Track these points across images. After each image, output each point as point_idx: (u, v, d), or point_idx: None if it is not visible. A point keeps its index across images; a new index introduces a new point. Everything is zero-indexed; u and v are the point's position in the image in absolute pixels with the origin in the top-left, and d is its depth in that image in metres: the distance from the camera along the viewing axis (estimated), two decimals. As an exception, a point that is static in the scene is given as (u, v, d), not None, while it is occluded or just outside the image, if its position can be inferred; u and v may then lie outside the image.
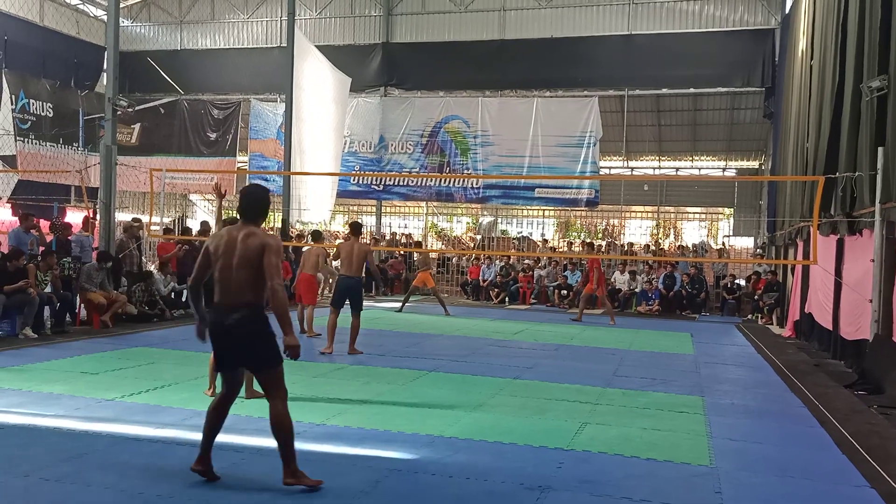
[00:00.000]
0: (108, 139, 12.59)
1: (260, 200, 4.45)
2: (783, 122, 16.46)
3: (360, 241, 9.42)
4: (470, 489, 4.44)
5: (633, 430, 5.92)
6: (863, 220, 9.03)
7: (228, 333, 4.24)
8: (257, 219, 4.43)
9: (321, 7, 23.16)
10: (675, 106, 23.74)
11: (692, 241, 25.01)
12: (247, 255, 4.23)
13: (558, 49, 20.69)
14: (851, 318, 9.36)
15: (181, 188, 24.06)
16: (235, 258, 4.25)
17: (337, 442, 5.26)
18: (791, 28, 16.32)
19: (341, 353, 9.16)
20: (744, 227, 25.17)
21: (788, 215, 14.21)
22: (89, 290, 10.91)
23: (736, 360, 10.29)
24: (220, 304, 4.29)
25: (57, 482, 4.27)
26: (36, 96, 19.28)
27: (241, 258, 4.24)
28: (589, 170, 20.18)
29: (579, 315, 14.97)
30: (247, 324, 4.24)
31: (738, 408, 7.06)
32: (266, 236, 4.36)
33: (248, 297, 4.26)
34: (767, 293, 16.08)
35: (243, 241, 4.26)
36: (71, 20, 23.30)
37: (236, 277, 4.25)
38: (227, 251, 4.28)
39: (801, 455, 5.48)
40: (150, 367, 8.00)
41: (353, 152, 22.34)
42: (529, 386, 7.69)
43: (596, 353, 10.44)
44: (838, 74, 10.19)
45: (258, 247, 4.23)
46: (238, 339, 4.24)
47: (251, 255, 4.22)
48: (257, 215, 4.43)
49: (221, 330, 4.26)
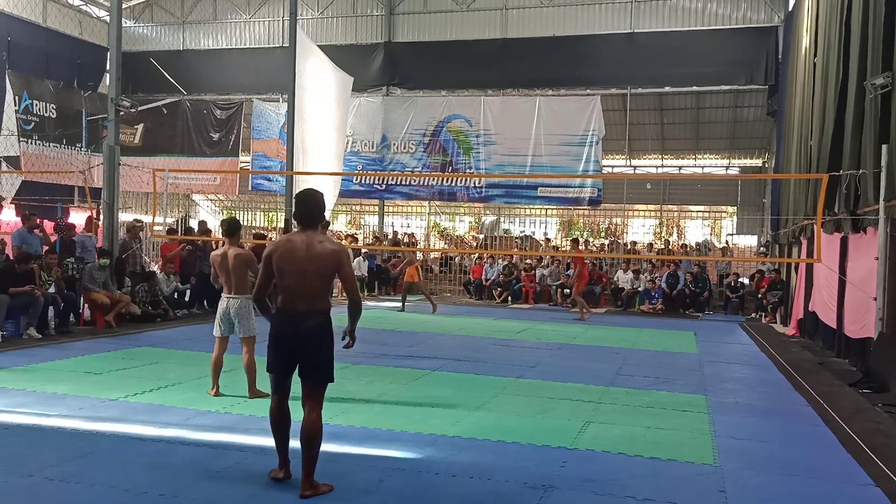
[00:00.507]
0: (111, 140, 12.61)
1: (318, 204, 4.46)
2: (786, 119, 16.42)
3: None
4: (473, 488, 4.43)
5: (637, 429, 5.91)
6: (867, 218, 9.01)
7: (300, 339, 4.25)
8: (318, 223, 4.44)
9: (323, 7, 23.16)
10: (677, 104, 23.70)
11: (695, 239, 24.98)
12: (321, 262, 4.26)
13: (560, 48, 20.65)
14: (856, 316, 9.33)
15: (184, 188, 24.08)
16: (309, 264, 4.25)
17: (340, 441, 5.25)
18: (794, 25, 16.29)
19: (343, 352, 9.15)
20: (747, 225, 25.13)
21: (792, 213, 14.18)
22: (93, 290, 10.94)
23: (740, 359, 10.27)
24: (292, 310, 4.27)
25: (61, 482, 4.28)
26: (39, 97, 19.30)
27: (314, 265, 4.25)
28: (592, 168, 20.14)
29: (581, 314, 14.96)
30: (321, 332, 4.28)
31: (742, 407, 7.04)
32: (338, 244, 4.45)
33: (322, 305, 4.32)
34: (771, 291, 16.05)
35: (317, 247, 4.27)
36: (74, 21, 23.33)
37: (311, 284, 4.26)
38: (298, 257, 4.26)
39: (805, 454, 5.46)
40: (153, 366, 8.01)
41: (356, 152, 22.33)
42: (532, 385, 7.68)
43: (599, 351, 10.43)
44: (842, 72, 10.17)
45: (332, 254, 4.28)
46: (309, 347, 4.26)
47: (326, 261, 4.27)
48: (317, 219, 4.43)
49: (292, 335, 4.25)
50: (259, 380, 6.37)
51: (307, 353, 4.26)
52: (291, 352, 4.28)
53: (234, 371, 7.16)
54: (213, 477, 4.47)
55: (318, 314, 4.27)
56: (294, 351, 4.27)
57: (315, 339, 4.25)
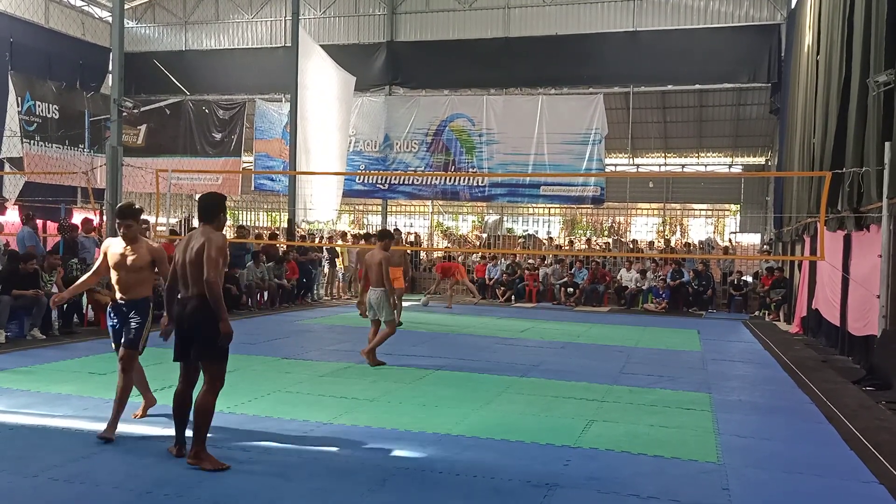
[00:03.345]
0: (113, 140, 12.63)
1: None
2: (789, 117, 16.39)
3: None
4: (477, 487, 4.44)
5: (641, 427, 5.91)
6: (870, 216, 8.99)
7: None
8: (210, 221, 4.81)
9: (325, 6, 23.17)
10: (680, 102, 23.67)
11: (698, 237, 24.94)
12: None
13: (563, 46, 20.63)
14: (859, 314, 9.32)
15: (187, 189, 24.10)
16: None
17: (344, 440, 5.26)
18: (797, 23, 16.26)
19: (347, 352, 9.17)
20: (750, 223, 25.08)
21: (795, 211, 14.16)
22: (96, 290, 10.94)
23: (743, 357, 10.27)
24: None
25: (66, 482, 4.29)
26: (42, 98, 19.33)
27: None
28: (594, 167, 20.13)
29: (449, 302, 16.48)
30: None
31: (745, 404, 7.04)
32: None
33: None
34: (774, 289, 16.03)
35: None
36: (76, 22, 23.37)
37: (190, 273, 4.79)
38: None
39: (809, 451, 5.46)
40: (156, 367, 8.00)
41: (359, 151, 22.35)
42: (536, 384, 7.69)
43: (602, 350, 10.43)
44: (845, 69, 10.15)
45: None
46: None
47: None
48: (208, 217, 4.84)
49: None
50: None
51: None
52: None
53: (237, 371, 7.18)
54: (217, 476, 4.47)
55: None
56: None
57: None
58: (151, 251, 5.42)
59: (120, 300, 5.36)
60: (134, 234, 5.34)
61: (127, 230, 5.30)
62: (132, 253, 5.31)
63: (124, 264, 5.31)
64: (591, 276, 18.22)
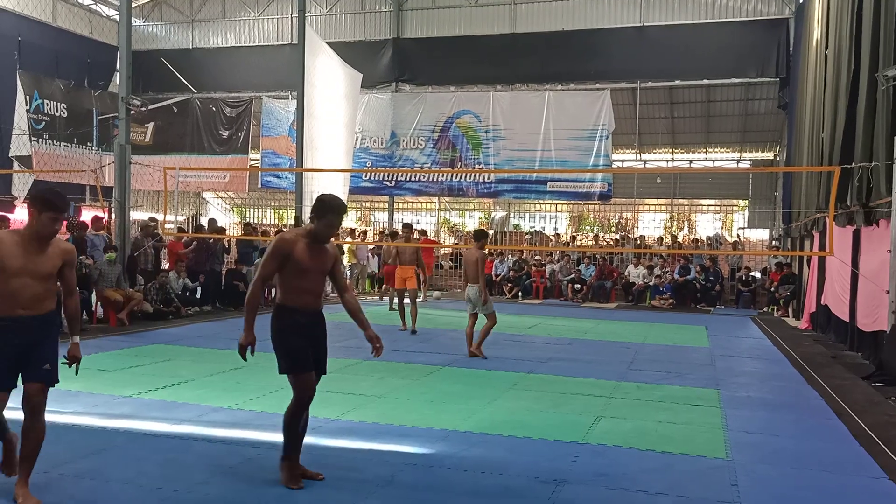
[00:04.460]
0: (121, 138, 12.68)
1: None
2: (798, 112, 16.31)
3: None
4: (485, 483, 4.44)
5: (649, 424, 5.90)
6: (879, 211, 8.94)
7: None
8: None
9: (331, 4, 23.18)
10: (688, 98, 23.59)
11: (706, 233, 24.87)
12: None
13: (570, 42, 20.58)
14: (868, 310, 9.28)
15: (195, 186, 24.20)
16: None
17: (352, 437, 5.28)
18: (805, 17, 16.16)
19: (354, 348, 9.19)
20: (759, 218, 25.00)
21: (804, 206, 14.09)
22: (105, 287, 11.01)
23: (751, 353, 10.24)
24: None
25: (76, 478, 4.32)
26: (50, 96, 19.41)
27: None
28: (601, 163, 20.09)
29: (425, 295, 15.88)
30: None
31: (754, 400, 7.02)
32: None
33: None
34: (783, 285, 15.97)
35: None
36: (84, 20, 23.44)
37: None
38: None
39: (818, 447, 5.44)
40: (166, 363, 8.07)
41: (365, 148, 22.36)
42: (544, 380, 7.69)
43: (610, 346, 10.42)
44: (853, 63, 10.09)
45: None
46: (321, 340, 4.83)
47: None
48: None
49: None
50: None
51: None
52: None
53: (244, 368, 7.18)
54: (226, 472, 4.50)
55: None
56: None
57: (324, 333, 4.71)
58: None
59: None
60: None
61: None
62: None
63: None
64: (598, 272, 18.19)
